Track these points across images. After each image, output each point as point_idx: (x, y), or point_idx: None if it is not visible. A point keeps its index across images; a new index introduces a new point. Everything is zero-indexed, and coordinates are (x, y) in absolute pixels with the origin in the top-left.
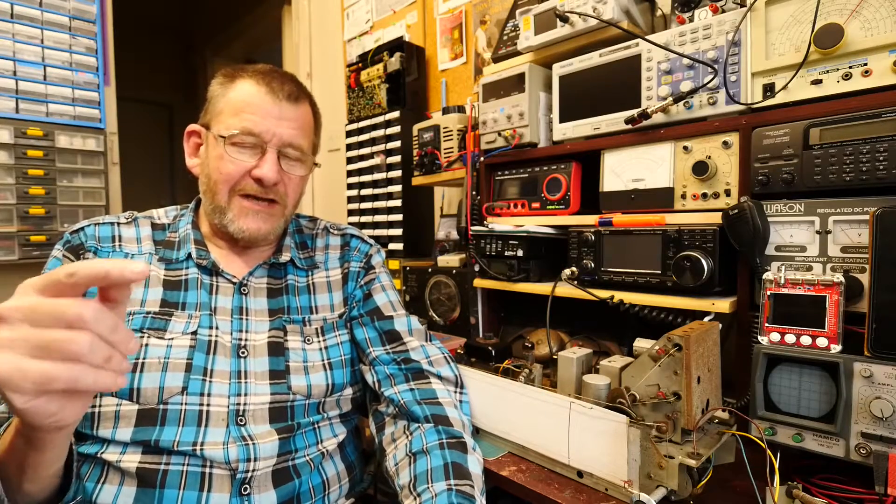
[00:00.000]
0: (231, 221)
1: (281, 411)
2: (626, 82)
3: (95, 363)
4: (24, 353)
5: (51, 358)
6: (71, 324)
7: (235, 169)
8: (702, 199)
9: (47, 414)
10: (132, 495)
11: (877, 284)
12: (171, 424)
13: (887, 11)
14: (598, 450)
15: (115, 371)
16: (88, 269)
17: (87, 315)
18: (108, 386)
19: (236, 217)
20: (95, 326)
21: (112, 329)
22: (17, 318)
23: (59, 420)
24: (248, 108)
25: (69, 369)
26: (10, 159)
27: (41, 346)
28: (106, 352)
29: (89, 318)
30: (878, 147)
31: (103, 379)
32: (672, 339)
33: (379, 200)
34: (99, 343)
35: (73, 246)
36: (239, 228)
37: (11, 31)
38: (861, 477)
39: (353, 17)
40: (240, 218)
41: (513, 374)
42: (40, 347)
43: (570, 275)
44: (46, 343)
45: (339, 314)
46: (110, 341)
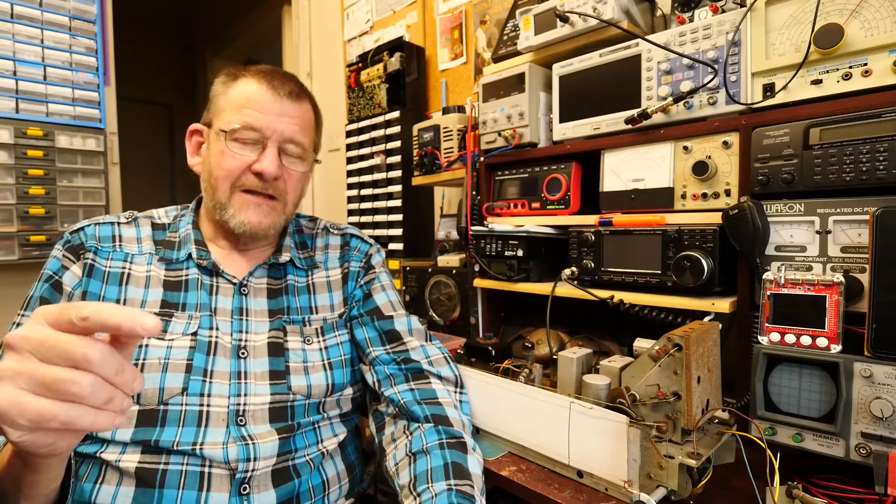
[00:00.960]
0: (232, 216)
1: (281, 411)
2: (626, 82)
3: (95, 405)
4: (26, 387)
5: (51, 396)
6: (76, 364)
7: (237, 164)
8: (702, 199)
9: (41, 445)
10: (130, 495)
11: (877, 284)
12: (172, 425)
13: (887, 11)
14: (598, 450)
15: (114, 412)
16: (102, 317)
17: (93, 357)
18: (104, 427)
19: (237, 211)
20: (100, 369)
21: (117, 371)
22: (25, 349)
23: (54, 450)
24: (249, 104)
25: (67, 409)
26: (10, 159)
27: (42, 384)
28: (107, 394)
29: (95, 360)
30: (878, 147)
31: (101, 420)
32: (672, 339)
33: (379, 200)
34: (101, 385)
35: (73, 246)
36: (240, 222)
37: (11, 31)
38: (861, 477)
39: (353, 17)
40: (241, 212)
41: (513, 374)
42: (42, 385)
43: (570, 275)
44: (47, 381)
45: (339, 314)
46: (114, 382)
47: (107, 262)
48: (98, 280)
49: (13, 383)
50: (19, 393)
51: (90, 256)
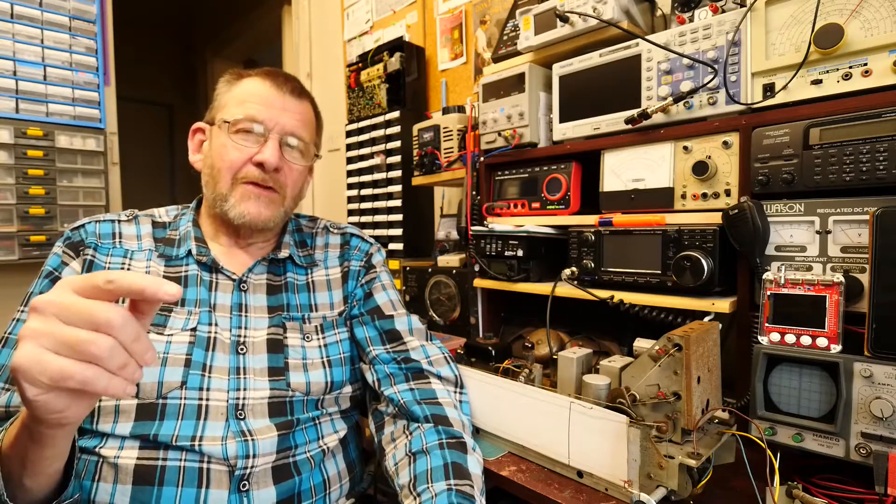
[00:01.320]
0: (232, 207)
1: (280, 406)
2: (626, 82)
3: (111, 368)
4: (47, 346)
5: (71, 356)
6: (98, 326)
7: (239, 155)
8: (702, 199)
9: (53, 410)
10: (129, 493)
11: (877, 284)
12: (170, 418)
13: (887, 11)
14: (598, 450)
15: (127, 379)
16: (127, 281)
17: (115, 321)
18: (117, 392)
19: (238, 202)
20: (119, 333)
21: (134, 338)
22: (50, 312)
23: (63, 417)
24: (252, 97)
25: (85, 369)
26: (10, 159)
27: (64, 343)
28: (123, 359)
29: (117, 323)
30: (878, 147)
31: (115, 384)
32: (672, 339)
33: (379, 200)
34: (119, 349)
35: (73, 242)
36: (240, 213)
37: (11, 31)
38: (861, 477)
39: (353, 17)
40: (241, 202)
41: (513, 374)
42: (63, 343)
43: (570, 275)
44: (70, 341)
45: (339, 312)
46: (130, 350)
47: (106, 259)
48: None
49: (36, 342)
50: (41, 351)
51: (90, 253)
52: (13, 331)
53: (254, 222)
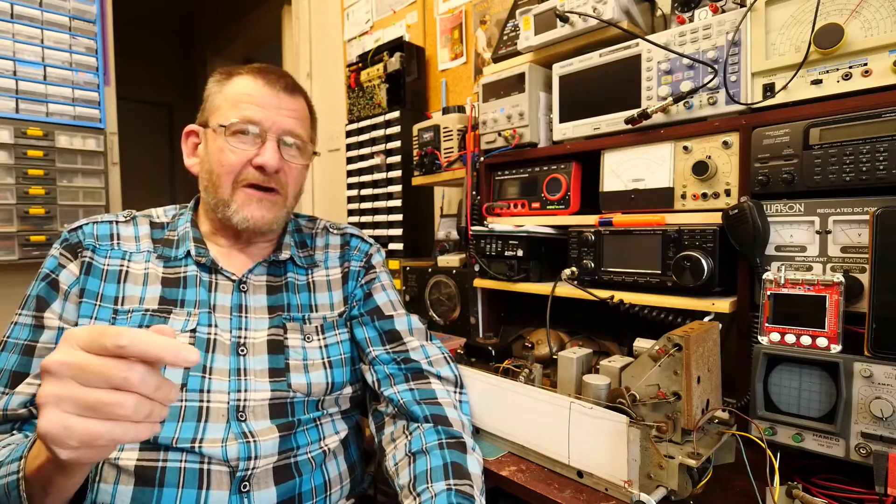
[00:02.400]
0: (235, 212)
1: (281, 407)
2: (626, 82)
3: (137, 419)
4: (71, 410)
5: (96, 417)
6: (119, 387)
7: (237, 159)
8: (702, 199)
9: (88, 459)
10: (129, 494)
11: (877, 284)
12: (171, 420)
13: (887, 11)
14: (598, 450)
15: (153, 423)
16: (141, 348)
17: (134, 379)
18: (145, 437)
19: (240, 207)
20: (140, 388)
21: (156, 388)
22: (65, 375)
23: (95, 459)
24: (246, 98)
25: (113, 427)
26: (10, 159)
27: (88, 407)
28: (148, 409)
29: (136, 381)
30: (878, 147)
31: (142, 432)
32: (672, 339)
33: (379, 200)
34: (143, 402)
35: (70, 244)
36: (243, 218)
37: (11, 31)
38: (861, 477)
39: (353, 17)
40: (243, 207)
41: (513, 374)
42: (87, 407)
43: (570, 275)
44: (93, 404)
45: (339, 313)
46: (153, 398)
47: (105, 260)
48: (96, 278)
49: (59, 408)
50: (66, 416)
51: (88, 254)
52: (11, 334)
53: (257, 226)
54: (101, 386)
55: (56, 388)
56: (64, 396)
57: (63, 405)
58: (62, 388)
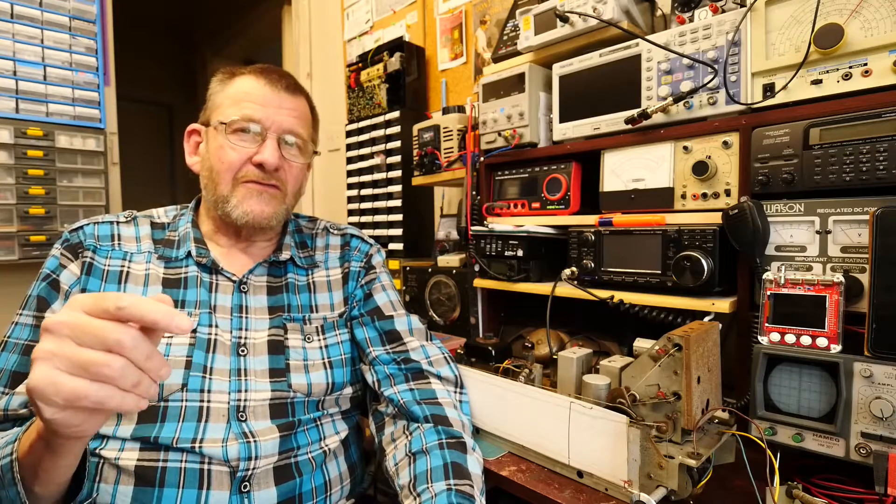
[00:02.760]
0: (234, 207)
1: (281, 408)
2: (626, 82)
3: (124, 387)
4: (61, 367)
5: (84, 377)
6: (110, 348)
7: (237, 156)
8: (702, 199)
9: (70, 425)
10: (130, 494)
11: (877, 284)
12: (172, 421)
13: (887, 11)
14: (598, 450)
15: (140, 395)
16: (139, 310)
17: (126, 342)
18: (130, 408)
19: (240, 202)
20: (131, 353)
21: (146, 357)
22: (63, 333)
23: (80, 431)
24: (248, 97)
25: (98, 389)
26: (10, 159)
27: (78, 364)
28: (135, 377)
29: (127, 344)
30: (878, 147)
31: (128, 402)
32: (672, 339)
33: (379, 200)
34: (131, 369)
35: (71, 244)
36: (243, 212)
37: (11, 31)
38: (861, 477)
39: (353, 17)
40: (243, 202)
41: (513, 374)
42: (77, 365)
43: (570, 275)
44: (83, 362)
45: (340, 313)
46: (143, 368)
47: (105, 261)
48: (97, 278)
49: (50, 363)
50: (56, 373)
51: (89, 255)
52: (12, 333)
53: (256, 220)
54: (95, 347)
55: (51, 345)
56: (57, 353)
57: (55, 361)
58: (57, 346)
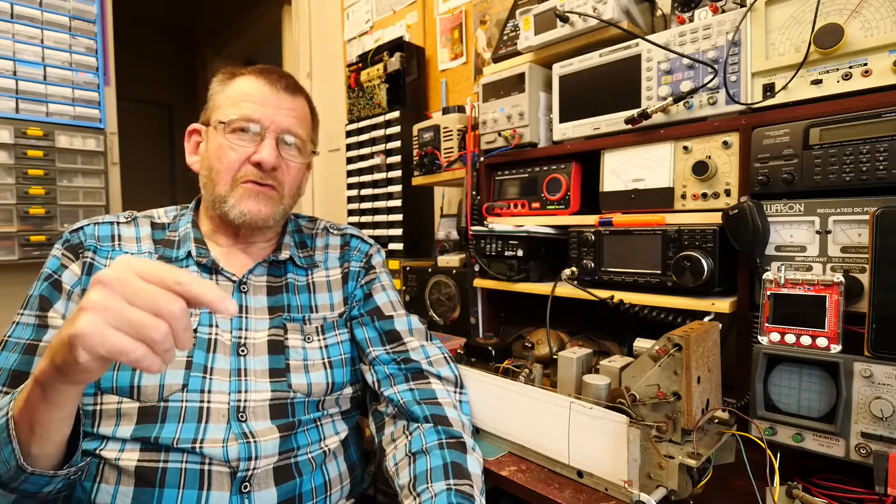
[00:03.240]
0: (232, 206)
1: (281, 408)
2: (626, 82)
3: (159, 351)
4: (110, 321)
5: (129, 334)
6: (160, 314)
7: (236, 156)
8: (702, 199)
9: (87, 371)
10: (130, 494)
11: (877, 284)
12: (172, 421)
13: (887, 11)
14: (598, 450)
15: (165, 361)
16: (196, 289)
17: (177, 313)
18: (155, 370)
19: (238, 201)
20: (176, 324)
21: (185, 328)
22: (117, 290)
23: (88, 377)
24: (247, 97)
25: (138, 348)
26: (10, 159)
27: (127, 322)
28: (170, 344)
29: (177, 315)
30: (878, 147)
31: (157, 365)
32: (672, 339)
33: (379, 200)
34: (170, 336)
35: (72, 245)
36: (240, 212)
37: (11, 31)
38: (861, 477)
39: (353, 17)
40: (241, 202)
41: (513, 374)
42: (126, 322)
43: (570, 275)
44: (133, 322)
45: (339, 313)
46: (177, 338)
47: (106, 261)
48: None
49: (100, 315)
50: (104, 325)
51: (89, 255)
52: (13, 334)
53: (254, 220)
54: (146, 309)
55: (105, 298)
56: (109, 307)
57: (106, 314)
58: (110, 300)
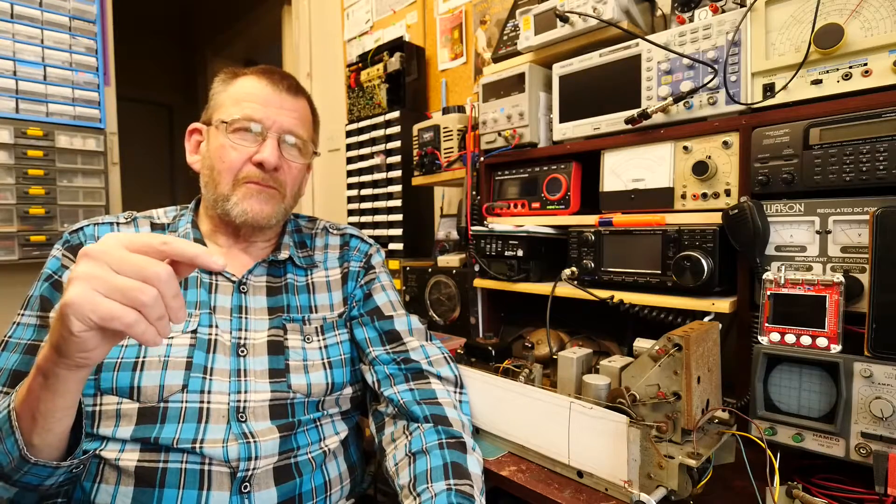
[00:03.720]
0: (234, 206)
1: (281, 408)
2: (626, 82)
3: (150, 317)
4: (99, 288)
5: (119, 300)
6: (147, 279)
7: (238, 156)
8: (702, 199)
9: (85, 348)
10: (130, 495)
11: (877, 284)
12: (172, 422)
13: (887, 11)
14: (598, 450)
15: (160, 332)
16: (180, 246)
17: (163, 276)
18: (150, 340)
19: (239, 200)
20: (164, 287)
21: (174, 294)
22: (103, 260)
23: (88, 357)
24: (249, 97)
25: (129, 312)
26: (10, 159)
27: (115, 288)
28: (161, 310)
29: (164, 278)
30: (878, 147)
31: (150, 333)
32: (672, 339)
33: (379, 200)
34: (160, 301)
35: (72, 245)
36: (242, 211)
37: (11, 31)
38: (861, 477)
39: (353, 17)
40: (242, 201)
41: (513, 374)
42: (114, 288)
43: (570, 275)
44: (121, 287)
45: (339, 314)
46: (168, 304)
47: None
48: None
49: (88, 283)
50: (93, 292)
51: None
52: (13, 334)
53: (255, 220)
54: (132, 276)
55: (92, 268)
56: (96, 276)
57: (93, 282)
58: (98, 270)
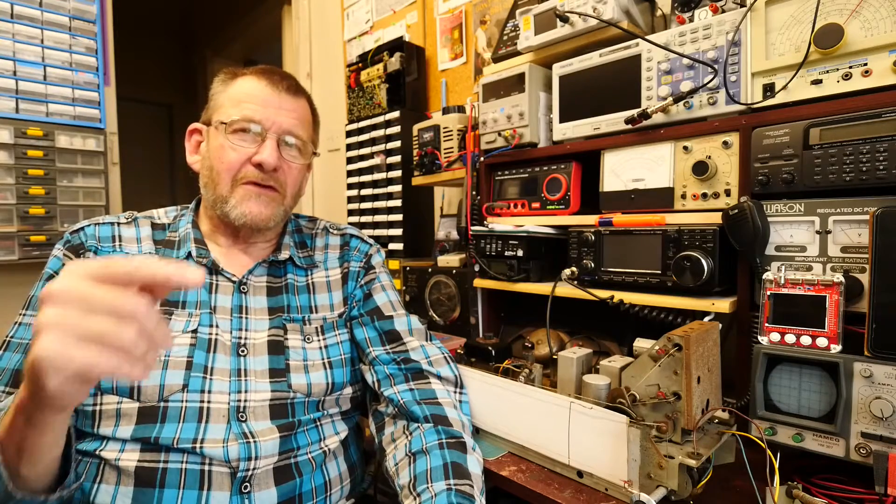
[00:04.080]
0: (233, 207)
1: (281, 408)
2: (626, 82)
3: (135, 356)
4: (72, 337)
5: (97, 347)
6: (124, 316)
7: (237, 156)
8: (702, 199)
9: (65, 396)
10: (130, 495)
11: (877, 284)
12: (172, 421)
13: (887, 11)
14: (598, 450)
15: (147, 364)
16: (152, 270)
17: (141, 311)
18: (138, 377)
19: (238, 202)
20: (144, 321)
21: (156, 325)
22: (69, 301)
23: (69, 402)
24: (249, 98)
25: (110, 358)
26: (10, 159)
27: (91, 334)
28: (145, 346)
29: (142, 315)
30: (878, 147)
31: (136, 370)
32: (672, 339)
33: (379, 200)
34: (143, 336)
35: (73, 245)
36: (241, 213)
37: (11, 31)
38: (861, 477)
39: (353, 17)
40: (242, 203)
41: (513, 374)
42: (90, 335)
43: (570, 275)
44: (96, 333)
45: (339, 314)
46: (151, 337)
47: None
48: None
49: (60, 333)
50: (66, 343)
51: (90, 256)
52: (15, 334)
53: (255, 222)
54: (107, 315)
55: (59, 314)
56: (67, 323)
57: (65, 330)
58: (65, 315)
